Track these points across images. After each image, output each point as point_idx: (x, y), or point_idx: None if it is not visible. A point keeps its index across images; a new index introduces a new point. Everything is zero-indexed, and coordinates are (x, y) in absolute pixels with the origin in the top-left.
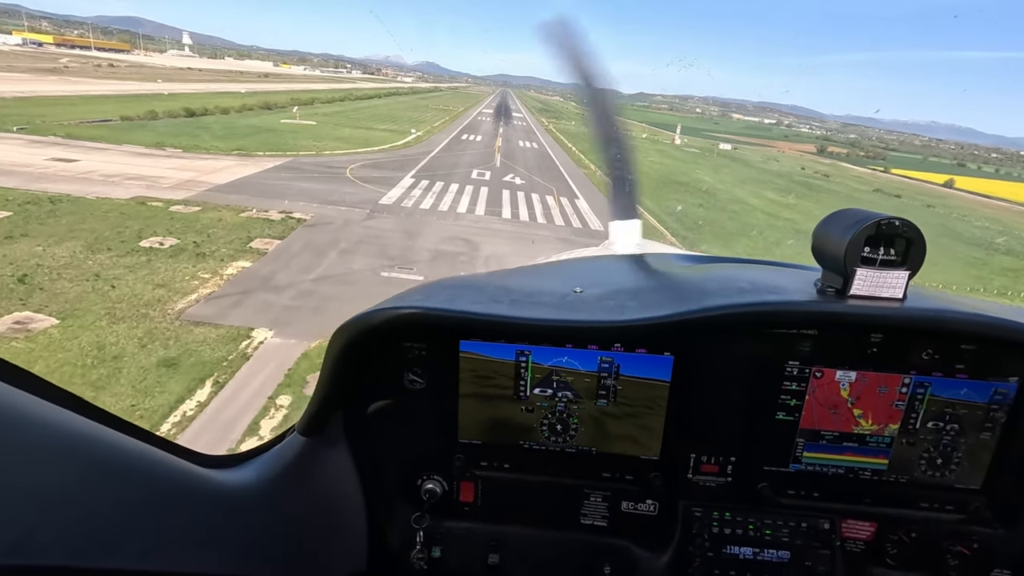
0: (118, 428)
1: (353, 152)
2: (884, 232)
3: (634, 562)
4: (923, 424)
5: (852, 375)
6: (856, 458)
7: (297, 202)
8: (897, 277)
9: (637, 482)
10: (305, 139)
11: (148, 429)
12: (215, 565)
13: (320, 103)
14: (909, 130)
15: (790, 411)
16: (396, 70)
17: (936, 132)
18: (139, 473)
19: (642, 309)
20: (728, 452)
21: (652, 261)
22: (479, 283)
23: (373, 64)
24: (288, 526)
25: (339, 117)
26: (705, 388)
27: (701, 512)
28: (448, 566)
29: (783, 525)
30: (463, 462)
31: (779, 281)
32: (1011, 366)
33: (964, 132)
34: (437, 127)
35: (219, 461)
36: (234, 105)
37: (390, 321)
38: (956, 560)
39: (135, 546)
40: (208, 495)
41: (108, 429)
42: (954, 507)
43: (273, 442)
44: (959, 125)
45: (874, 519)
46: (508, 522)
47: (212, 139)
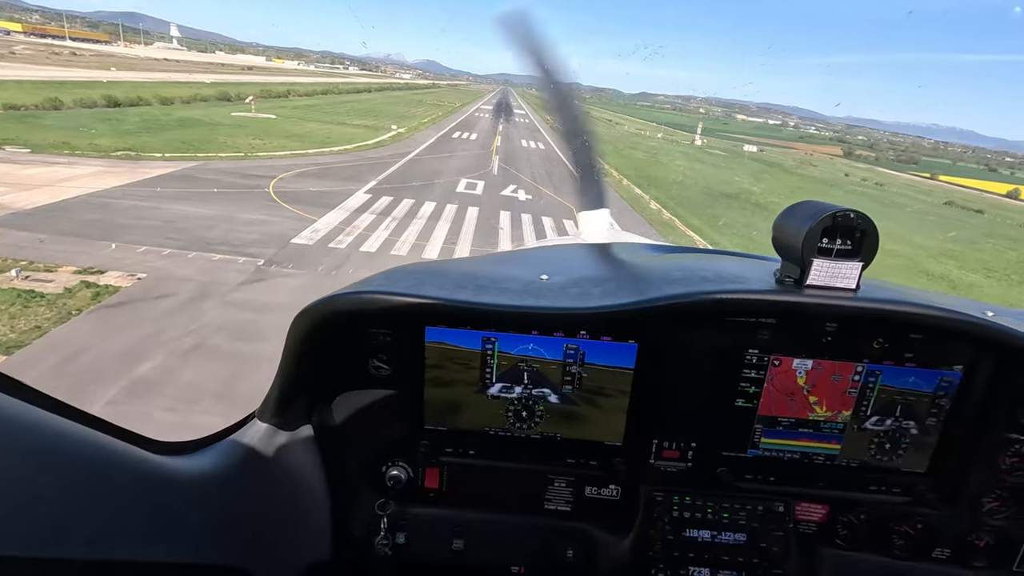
0: (61, 413)
1: (301, 154)
2: (840, 224)
3: (597, 545)
4: (873, 411)
5: (808, 363)
6: (811, 443)
7: (142, 243)
8: (851, 268)
9: (601, 467)
10: (245, 136)
11: (96, 415)
12: (168, 554)
13: (298, 96)
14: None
15: (749, 398)
16: (395, 68)
17: (938, 134)
18: (84, 460)
19: (606, 296)
20: (689, 438)
21: (619, 250)
22: (444, 269)
23: (373, 62)
24: (248, 514)
25: (310, 111)
26: (668, 375)
27: (662, 496)
28: (413, 552)
29: (740, 508)
30: (428, 448)
31: (740, 271)
32: (956, 355)
33: (965, 135)
34: (426, 123)
35: (173, 448)
36: (183, 95)
37: (353, 305)
38: (902, 540)
39: (81, 534)
40: (161, 482)
41: (50, 414)
42: (901, 490)
43: (231, 429)
44: (960, 128)
45: (826, 502)
46: (473, 508)
47: (106, 135)
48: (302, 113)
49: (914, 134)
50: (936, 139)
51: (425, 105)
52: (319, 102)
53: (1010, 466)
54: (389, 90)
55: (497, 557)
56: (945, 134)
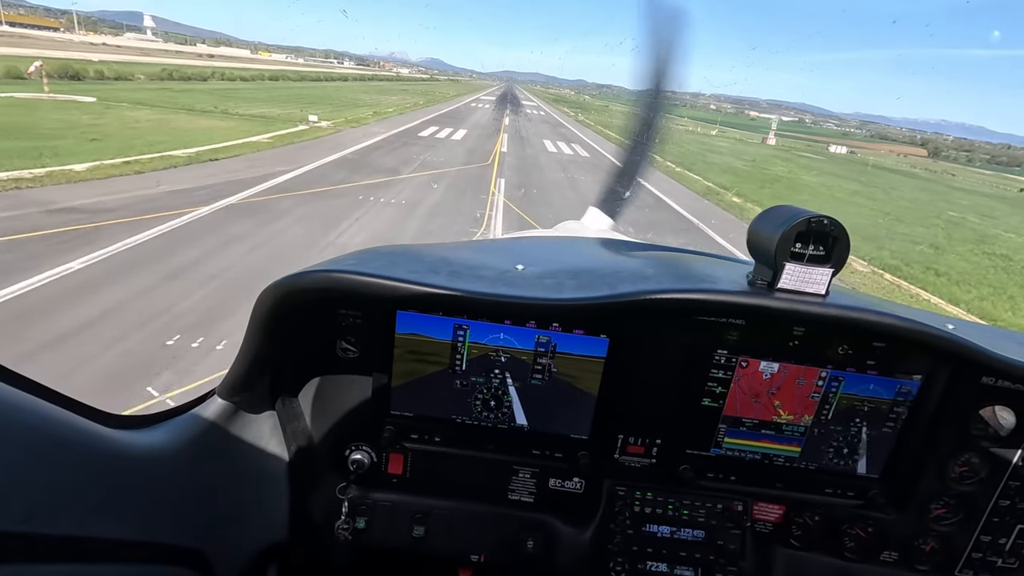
0: (7, 382)
1: None
2: (814, 229)
3: (557, 537)
4: (834, 416)
5: (775, 366)
6: (772, 445)
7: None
8: (821, 274)
9: (566, 460)
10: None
11: (48, 386)
12: (115, 530)
13: (226, 79)
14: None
15: (715, 398)
16: (394, 64)
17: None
18: (28, 430)
19: (580, 289)
20: (654, 435)
21: (598, 245)
22: (417, 253)
23: (376, 59)
24: (203, 493)
25: (201, 95)
26: (637, 371)
27: (624, 491)
28: (372, 537)
29: (700, 506)
30: (393, 434)
31: (714, 272)
32: (916, 365)
33: (975, 131)
34: (389, 113)
35: (127, 421)
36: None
37: (321, 284)
38: (853, 542)
39: (16, 508)
40: (110, 456)
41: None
42: (855, 493)
43: (189, 405)
44: (969, 124)
45: (783, 502)
46: (435, 495)
47: None
48: (176, 98)
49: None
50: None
51: (405, 94)
52: (245, 87)
53: (959, 475)
54: (374, 80)
55: (457, 545)
56: (954, 130)
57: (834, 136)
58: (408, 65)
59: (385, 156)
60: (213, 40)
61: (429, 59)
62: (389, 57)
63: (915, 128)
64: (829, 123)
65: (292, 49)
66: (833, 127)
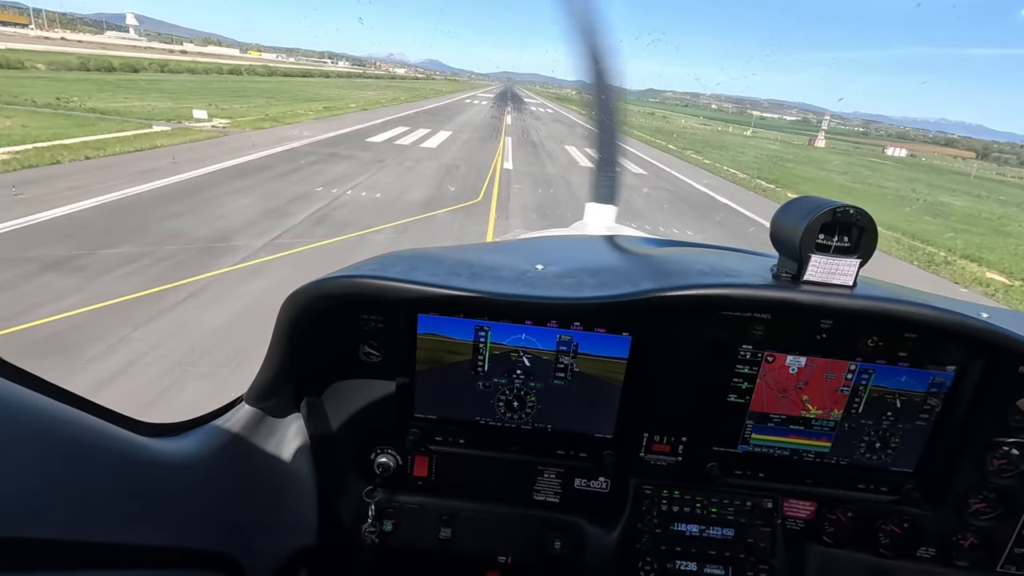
0: (40, 390)
1: None
2: (839, 219)
3: (584, 538)
4: (865, 410)
5: (802, 360)
6: (801, 441)
7: None
8: (849, 265)
9: (591, 459)
10: None
11: (81, 395)
12: (149, 536)
13: (161, 71)
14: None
15: (741, 394)
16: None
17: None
18: (65, 440)
19: (601, 288)
20: (680, 432)
21: (616, 243)
22: (437, 256)
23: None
24: (233, 499)
25: (77, 86)
26: (661, 369)
27: (651, 490)
28: (400, 539)
29: (728, 504)
30: (417, 436)
31: (737, 265)
32: (949, 356)
33: (975, 130)
34: (348, 109)
35: (158, 429)
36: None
37: (344, 289)
38: (888, 539)
39: (58, 515)
40: (144, 463)
41: (30, 392)
42: (888, 488)
43: (218, 412)
44: (969, 122)
45: (814, 499)
46: (461, 497)
47: None
48: (25, 89)
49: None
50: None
51: (385, 89)
52: (177, 79)
53: (997, 468)
54: (361, 78)
55: (484, 547)
56: (955, 128)
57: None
58: (406, 66)
59: (230, 197)
60: (202, 40)
61: (427, 60)
62: (387, 59)
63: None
64: (833, 123)
65: (290, 50)
66: (839, 126)
